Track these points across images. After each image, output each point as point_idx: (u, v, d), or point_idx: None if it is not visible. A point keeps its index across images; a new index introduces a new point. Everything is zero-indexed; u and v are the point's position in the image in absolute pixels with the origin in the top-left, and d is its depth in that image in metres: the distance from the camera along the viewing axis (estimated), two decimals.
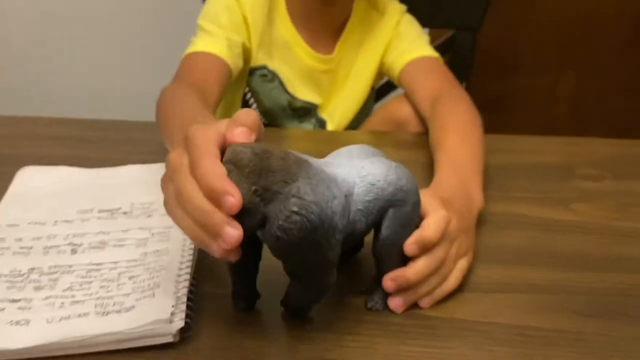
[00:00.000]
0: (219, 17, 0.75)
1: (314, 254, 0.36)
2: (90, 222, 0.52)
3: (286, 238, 0.34)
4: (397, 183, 0.40)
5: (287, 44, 0.79)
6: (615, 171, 0.64)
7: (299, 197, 0.34)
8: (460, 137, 0.60)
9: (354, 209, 0.39)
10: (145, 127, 0.71)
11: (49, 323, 0.40)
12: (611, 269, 0.49)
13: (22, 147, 0.68)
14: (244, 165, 0.34)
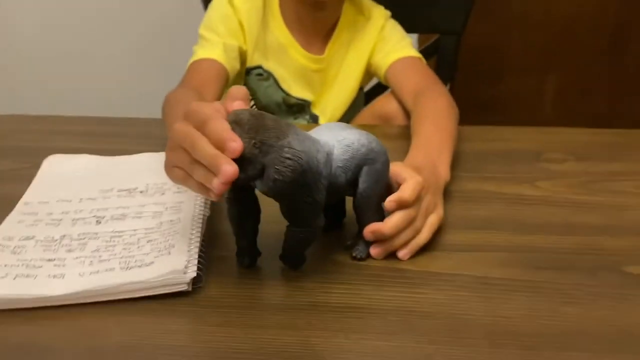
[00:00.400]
0: (216, 25, 0.83)
1: (304, 194, 0.44)
2: (111, 199, 0.59)
3: (281, 179, 0.42)
4: (369, 145, 0.49)
5: (281, 46, 0.87)
6: (578, 155, 0.72)
7: (290, 147, 0.42)
8: (434, 125, 0.68)
9: (334, 165, 0.47)
10: (153, 123, 0.79)
11: (81, 276, 0.47)
12: (567, 232, 0.56)
13: (47, 141, 0.76)
14: (244, 124, 0.42)
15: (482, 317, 0.44)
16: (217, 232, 0.55)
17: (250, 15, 0.85)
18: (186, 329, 0.44)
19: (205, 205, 0.56)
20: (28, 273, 0.47)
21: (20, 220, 0.55)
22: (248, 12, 0.85)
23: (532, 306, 0.45)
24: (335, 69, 0.91)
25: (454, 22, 1.07)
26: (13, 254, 0.50)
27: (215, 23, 0.84)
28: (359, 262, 0.51)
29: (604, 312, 0.45)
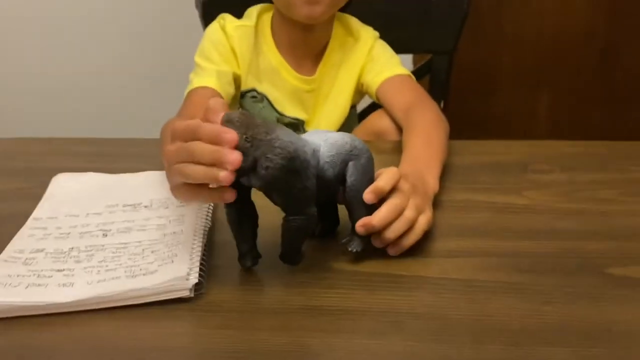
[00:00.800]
0: (210, 53, 0.88)
1: (295, 180, 0.48)
2: (116, 213, 0.62)
3: (272, 166, 0.46)
4: (352, 143, 0.53)
5: (274, 68, 0.91)
6: (563, 166, 0.74)
7: (278, 139, 0.47)
8: (423, 138, 0.71)
9: (321, 161, 0.51)
10: (155, 143, 0.82)
11: (89, 284, 0.50)
12: (551, 238, 0.58)
13: (53, 162, 0.79)
14: (235, 121, 0.46)
15: (468, 317, 0.47)
16: (218, 243, 0.58)
17: (242, 41, 0.89)
18: (188, 332, 0.46)
19: (207, 217, 0.59)
20: (39, 282, 0.50)
21: (31, 235, 0.58)
22: (240, 39, 0.89)
23: (515, 305, 0.48)
24: (327, 88, 0.95)
25: (445, 42, 1.11)
26: (24, 265, 0.52)
27: (209, 50, 0.89)
28: (354, 264, 0.53)
29: (584, 310, 0.48)
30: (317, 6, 0.83)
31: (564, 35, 1.61)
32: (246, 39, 0.90)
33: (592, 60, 1.62)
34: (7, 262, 0.53)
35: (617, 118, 1.69)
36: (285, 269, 0.53)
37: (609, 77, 1.64)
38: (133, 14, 1.76)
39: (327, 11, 0.85)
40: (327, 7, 0.84)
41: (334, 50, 0.94)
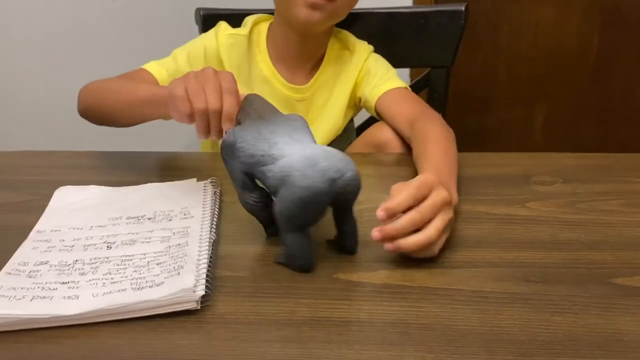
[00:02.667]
0: (189, 54, 0.90)
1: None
2: (120, 226, 0.62)
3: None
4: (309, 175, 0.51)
5: (265, 78, 0.93)
6: (566, 177, 0.75)
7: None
8: (440, 148, 0.72)
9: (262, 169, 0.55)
10: (158, 156, 0.82)
11: (95, 297, 0.49)
12: (556, 249, 0.58)
13: (57, 174, 0.78)
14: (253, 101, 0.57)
15: (478, 327, 0.47)
16: (223, 255, 0.57)
17: (232, 49, 0.91)
18: (195, 344, 0.46)
19: (211, 229, 0.59)
20: (44, 295, 0.49)
21: (35, 247, 0.58)
22: (230, 47, 0.91)
23: (524, 316, 0.48)
24: (322, 100, 0.95)
25: (443, 56, 1.12)
26: (29, 278, 0.52)
27: (190, 52, 0.91)
28: (361, 276, 0.53)
29: (593, 320, 0.48)
30: (317, 12, 0.84)
31: (558, 49, 1.63)
32: (237, 47, 0.91)
33: (585, 75, 1.64)
34: (10, 275, 0.52)
35: (611, 131, 1.71)
36: (291, 280, 0.53)
37: (603, 91, 1.66)
38: (133, 30, 1.77)
39: (325, 20, 0.86)
40: (326, 15, 0.85)
41: (330, 62, 0.95)
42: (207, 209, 0.63)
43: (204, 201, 0.65)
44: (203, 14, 1.09)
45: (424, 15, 1.12)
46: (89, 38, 1.81)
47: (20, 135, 1.73)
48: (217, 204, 0.66)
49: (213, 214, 0.63)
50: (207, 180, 0.70)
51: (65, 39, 1.81)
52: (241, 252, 0.59)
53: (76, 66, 1.80)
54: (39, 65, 1.83)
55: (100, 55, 1.79)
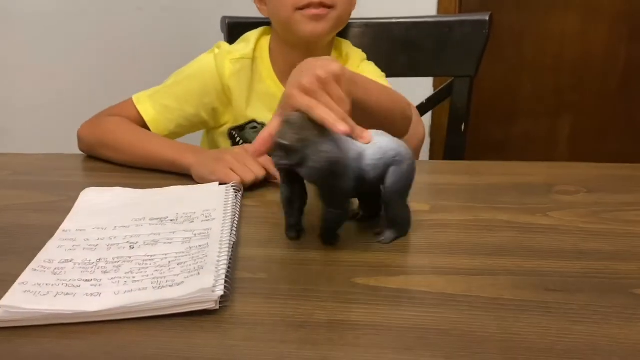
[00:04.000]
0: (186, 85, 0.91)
1: (333, 180, 0.55)
2: (143, 227, 0.63)
3: (315, 166, 0.54)
4: (397, 149, 0.59)
5: (273, 95, 0.92)
6: (589, 187, 0.74)
7: (326, 143, 0.55)
8: None
9: (364, 163, 0.57)
10: None
11: (116, 295, 0.50)
12: (578, 258, 0.58)
13: (82, 177, 0.81)
14: (293, 123, 0.55)
15: (496, 334, 0.46)
16: (243, 257, 0.58)
17: (240, 75, 0.91)
18: (213, 344, 0.46)
19: (232, 232, 0.60)
20: (67, 291, 0.51)
21: (60, 246, 0.59)
22: (238, 73, 0.91)
23: (544, 324, 0.47)
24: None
25: (466, 66, 1.12)
26: (53, 275, 0.53)
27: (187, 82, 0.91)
28: (378, 281, 0.53)
29: (614, 330, 0.47)
30: (321, 23, 0.85)
31: (584, 60, 1.62)
32: (244, 72, 0.92)
33: (612, 85, 1.62)
34: (36, 271, 0.54)
35: (637, 145, 1.67)
36: (310, 283, 0.53)
37: (630, 103, 1.63)
38: (159, 38, 1.81)
39: (331, 29, 0.87)
40: (332, 24, 0.86)
41: None
42: (228, 212, 0.64)
43: (225, 204, 0.66)
44: (229, 23, 1.11)
45: (448, 24, 1.12)
46: (116, 46, 1.85)
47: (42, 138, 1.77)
48: (238, 208, 0.67)
49: (234, 217, 0.64)
50: (229, 184, 0.71)
51: (91, 45, 1.86)
52: (260, 254, 0.59)
53: (103, 71, 1.84)
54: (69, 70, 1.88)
55: (126, 62, 1.83)
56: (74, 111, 1.92)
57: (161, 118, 0.89)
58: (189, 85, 0.91)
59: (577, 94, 1.64)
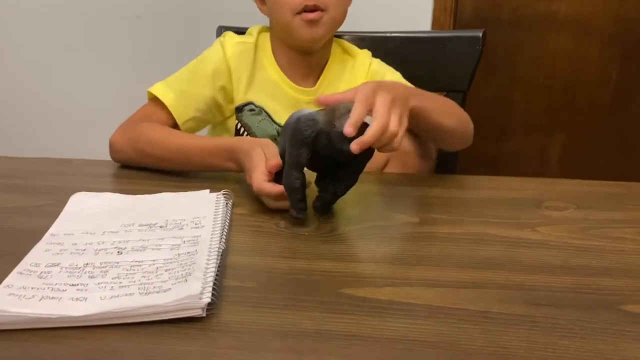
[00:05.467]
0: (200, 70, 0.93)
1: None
2: (132, 232, 0.62)
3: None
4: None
5: (274, 82, 0.96)
6: (578, 204, 0.74)
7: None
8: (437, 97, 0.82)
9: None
10: None
11: (102, 300, 0.50)
12: (566, 273, 0.58)
13: (72, 181, 0.80)
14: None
15: (483, 347, 0.46)
16: (231, 265, 0.58)
17: (240, 57, 0.94)
18: (199, 351, 0.46)
19: (221, 239, 0.60)
20: (53, 295, 0.50)
21: (47, 249, 0.58)
22: (239, 55, 0.94)
23: (531, 339, 0.47)
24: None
25: (459, 81, 1.13)
26: (39, 278, 0.53)
27: (201, 67, 0.94)
28: (366, 291, 0.53)
29: (601, 346, 0.47)
30: (318, 27, 0.88)
31: (576, 79, 1.63)
32: (245, 55, 0.95)
33: (604, 105, 1.64)
34: (22, 275, 0.53)
35: (630, 163, 1.69)
36: (297, 292, 0.53)
37: (622, 122, 1.65)
38: (156, 46, 1.81)
39: (327, 32, 0.91)
40: (328, 27, 0.90)
41: (334, 64, 0.99)
42: (218, 219, 0.64)
43: (216, 212, 0.66)
44: (224, 32, 1.11)
45: (441, 40, 1.13)
46: (113, 53, 1.85)
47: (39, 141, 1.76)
48: (229, 215, 0.67)
49: (224, 224, 0.63)
50: (220, 192, 0.71)
51: (89, 52, 1.86)
52: (249, 263, 0.59)
53: (101, 78, 1.84)
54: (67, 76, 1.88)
55: (124, 69, 1.83)
56: (70, 117, 1.92)
57: (180, 104, 0.90)
58: (201, 69, 0.94)
59: (569, 112, 1.66)
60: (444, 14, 1.57)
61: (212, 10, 1.69)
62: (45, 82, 1.88)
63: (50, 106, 1.89)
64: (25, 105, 1.92)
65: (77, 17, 1.82)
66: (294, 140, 0.64)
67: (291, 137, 0.64)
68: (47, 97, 1.89)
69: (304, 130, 0.63)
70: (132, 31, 1.82)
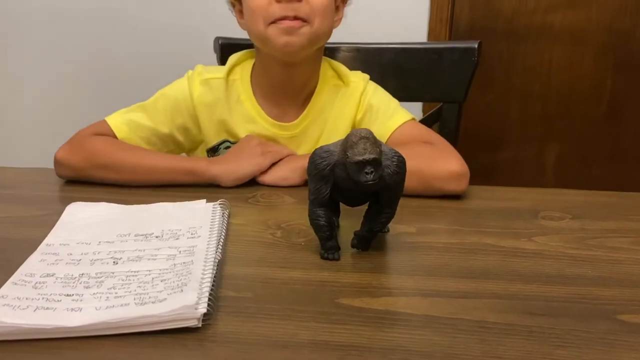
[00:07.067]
0: (161, 106, 0.90)
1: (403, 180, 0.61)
2: (128, 242, 0.62)
3: (399, 170, 0.59)
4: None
5: (251, 118, 0.92)
6: (574, 214, 0.75)
7: (394, 154, 0.60)
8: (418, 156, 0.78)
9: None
10: None
11: (98, 310, 0.49)
12: (562, 283, 0.58)
13: (68, 191, 0.80)
14: (369, 137, 0.56)
15: (479, 357, 0.46)
16: (228, 275, 0.58)
17: (207, 95, 0.91)
18: None
19: (217, 249, 0.60)
20: (48, 306, 0.50)
21: (42, 260, 0.58)
22: (205, 94, 0.90)
23: (527, 348, 0.47)
24: (316, 133, 0.93)
25: (455, 92, 1.13)
26: (34, 289, 0.53)
27: (162, 104, 0.90)
28: (362, 301, 0.53)
29: (597, 356, 0.47)
30: (295, 36, 0.83)
31: (571, 89, 1.65)
32: (215, 93, 0.91)
33: (598, 115, 1.65)
34: (17, 285, 0.53)
35: (624, 172, 1.70)
36: (294, 303, 0.53)
37: (616, 132, 1.66)
38: (154, 57, 1.82)
39: (305, 44, 0.84)
40: (307, 39, 0.84)
41: (322, 93, 0.93)
42: (214, 229, 0.64)
43: (212, 222, 0.66)
44: (221, 43, 1.12)
45: (437, 51, 1.14)
46: (111, 64, 1.86)
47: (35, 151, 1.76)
48: (225, 226, 0.67)
49: (220, 234, 0.63)
50: (217, 202, 0.71)
51: (86, 64, 1.87)
52: (245, 273, 0.59)
53: (97, 89, 1.85)
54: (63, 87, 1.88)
55: (121, 81, 1.83)
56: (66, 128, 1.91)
57: (133, 135, 0.88)
58: (161, 104, 0.90)
59: (565, 122, 1.67)
60: (439, 24, 1.58)
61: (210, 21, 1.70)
62: (40, 93, 1.89)
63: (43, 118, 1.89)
64: (19, 115, 1.92)
65: (73, 28, 1.83)
66: (312, 175, 0.60)
67: (309, 172, 0.61)
68: (41, 108, 1.89)
69: (318, 164, 0.59)
70: (129, 42, 1.82)
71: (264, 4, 0.83)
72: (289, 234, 0.67)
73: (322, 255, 0.61)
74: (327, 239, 0.61)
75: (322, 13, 0.85)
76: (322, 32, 0.87)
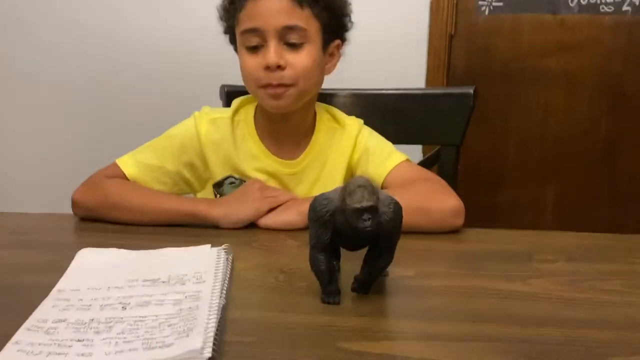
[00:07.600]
0: (169, 145, 0.95)
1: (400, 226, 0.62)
2: (136, 287, 0.65)
3: (395, 217, 0.61)
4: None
5: (255, 156, 0.97)
6: (568, 256, 0.77)
7: (391, 200, 0.61)
8: None
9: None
10: None
11: (107, 355, 0.51)
12: (555, 326, 0.60)
13: (79, 237, 0.83)
14: (367, 185, 0.58)
15: None
16: (232, 319, 0.60)
17: (214, 134, 0.96)
18: None
19: (221, 294, 0.62)
20: (59, 351, 0.52)
21: (54, 305, 0.61)
22: (212, 133, 0.96)
23: None
24: (315, 173, 0.99)
25: (452, 135, 1.17)
26: (46, 334, 0.55)
27: (170, 144, 0.95)
28: (360, 345, 0.55)
29: None
30: (281, 100, 0.90)
31: (567, 131, 1.69)
32: (221, 130, 0.96)
33: (594, 156, 1.68)
34: (30, 331, 0.55)
35: (622, 212, 1.72)
36: (295, 347, 0.55)
37: (612, 172, 1.69)
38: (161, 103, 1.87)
39: (292, 103, 0.91)
40: (293, 99, 0.91)
41: (321, 134, 1.00)
42: (219, 274, 0.66)
43: (217, 267, 0.68)
44: (227, 90, 1.17)
45: (434, 96, 1.18)
46: (117, 110, 1.91)
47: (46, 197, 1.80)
48: (229, 270, 0.69)
49: (224, 279, 0.66)
50: (221, 247, 0.74)
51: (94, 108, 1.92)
52: (249, 317, 0.61)
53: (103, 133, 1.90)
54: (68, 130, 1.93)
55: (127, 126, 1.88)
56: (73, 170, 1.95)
57: (143, 176, 0.93)
58: (168, 143, 0.96)
59: (561, 163, 1.70)
60: (437, 70, 1.63)
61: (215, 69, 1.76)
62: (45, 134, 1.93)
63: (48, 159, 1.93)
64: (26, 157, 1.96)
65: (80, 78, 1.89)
66: (312, 221, 0.63)
67: (310, 218, 0.63)
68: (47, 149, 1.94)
69: (319, 210, 0.62)
70: (135, 89, 1.88)
71: (252, 68, 0.90)
72: (291, 278, 0.70)
73: (323, 299, 0.63)
74: (328, 283, 0.63)
75: (306, 75, 0.91)
76: (309, 89, 0.93)
